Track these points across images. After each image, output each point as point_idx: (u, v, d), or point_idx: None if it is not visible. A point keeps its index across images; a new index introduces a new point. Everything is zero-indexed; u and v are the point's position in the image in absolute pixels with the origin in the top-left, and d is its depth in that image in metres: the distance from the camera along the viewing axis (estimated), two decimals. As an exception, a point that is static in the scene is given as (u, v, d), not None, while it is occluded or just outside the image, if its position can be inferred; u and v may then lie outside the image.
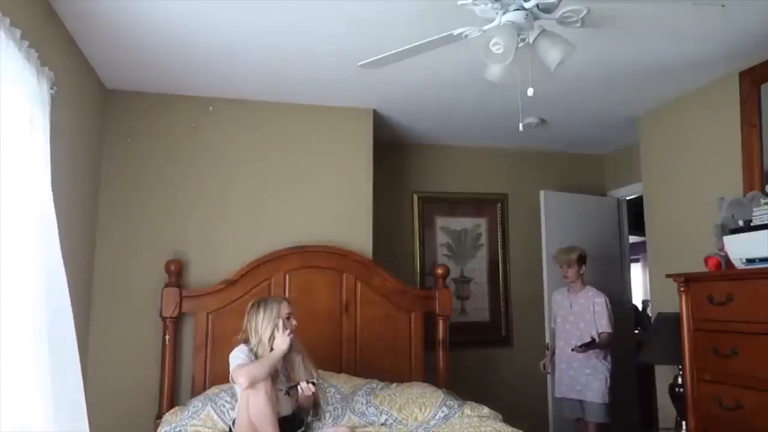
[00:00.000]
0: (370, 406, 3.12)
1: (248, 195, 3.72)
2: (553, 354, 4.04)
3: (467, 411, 3.12)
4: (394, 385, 3.38)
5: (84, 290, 3.31)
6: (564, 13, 2.22)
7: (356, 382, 3.31)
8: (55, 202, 2.25)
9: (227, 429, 2.83)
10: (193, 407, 2.98)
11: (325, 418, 2.97)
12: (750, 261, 2.72)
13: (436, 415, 3.09)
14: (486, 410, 3.15)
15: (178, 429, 2.83)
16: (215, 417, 2.92)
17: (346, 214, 3.87)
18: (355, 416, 3.05)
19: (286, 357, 2.77)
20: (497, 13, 2.18)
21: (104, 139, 3.53)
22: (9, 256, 1.97)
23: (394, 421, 3.06)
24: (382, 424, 3.04)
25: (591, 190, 5.06)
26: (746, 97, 3.23)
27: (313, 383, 2.74)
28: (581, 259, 3.87)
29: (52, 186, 2.24)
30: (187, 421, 2.88)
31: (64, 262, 2.22)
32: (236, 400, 2.83)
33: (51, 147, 2.24)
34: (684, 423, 3.10)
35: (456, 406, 3.16)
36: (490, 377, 4.63)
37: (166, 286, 3.39)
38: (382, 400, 3.16)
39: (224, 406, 2.96)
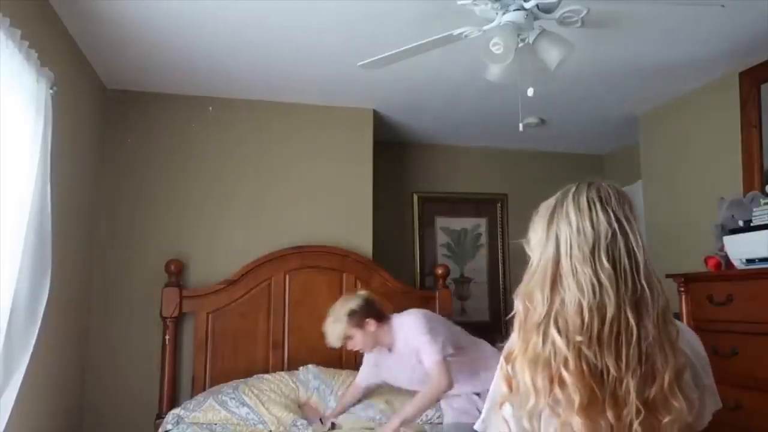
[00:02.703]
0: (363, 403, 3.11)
1: (248, 195, 3.72)
2: None
3: None
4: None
5: (84, 290, 3.31)
6: (564, 13, 2.23)
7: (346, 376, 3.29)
8: (54, 203, 2.25)
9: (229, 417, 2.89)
10: (195, 400, 3.05)
11: None
12: (750, 261, 2.72)
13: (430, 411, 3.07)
14: None
15: (177, 416, 2.89)
16: (216, 407, 2.95)
17: (346, 214, 3.87)
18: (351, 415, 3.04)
19: None
20: (497, 13, 2.18)
21: (104, 139, 3.52)
22: (6, 255, 1.97)
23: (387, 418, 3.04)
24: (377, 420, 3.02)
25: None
26: (746, 97, 3.23)
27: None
28: (358, 313, 2.68)
29: (52, 186, 2.24)
30: (188, 412, 2.94)
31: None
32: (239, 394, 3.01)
33: (51, 147, 2.24)
34: (684, 423, 3.09)
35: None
36: (490, 377, 4.62)
37: (166, 286, 3.39)
38: (383, 398, 3.15)
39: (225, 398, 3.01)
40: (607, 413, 1.08)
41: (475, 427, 1.28)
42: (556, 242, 1.19)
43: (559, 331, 1.11)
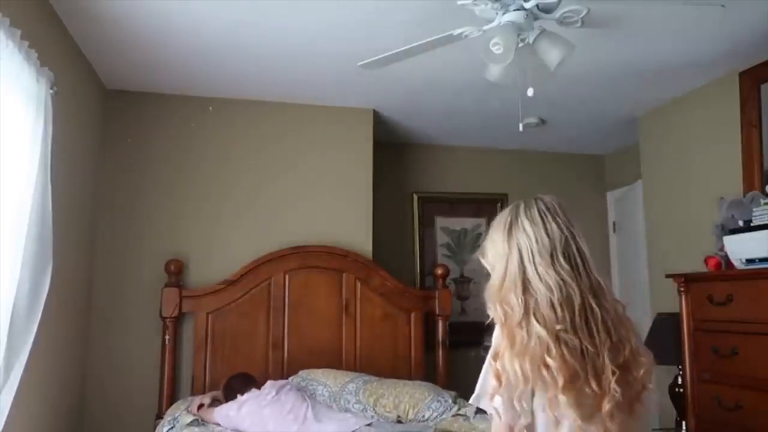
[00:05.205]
0: (358, 404, 3.12)
1: (248, 195, 3.72)
2: None
3: (456, 409, 3.08)
4: (384, 380, 3.34)
5: (84, 290, 3.31)
6: (564, 13, 2.22)
7: (344, 379, 3.29)
8: (54, 203, 2.25)
9: None
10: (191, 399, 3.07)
11: None
12: (750, 261, 2.72)
13: (426, 412, 3.07)
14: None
15: (174, 417, 2.88)
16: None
17: (346, 214, 3.87)
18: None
19: None
20: (497, 13, 2.18)
21: (104, 139, 3.52)
22: (6, 255, 1.97)
23: (383, 419, 3.03)
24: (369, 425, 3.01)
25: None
26: (746, 97, 3.23)
27: None
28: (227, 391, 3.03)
29: (52, 186, 2.24)
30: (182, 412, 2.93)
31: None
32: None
33: (51, 147, 2.24)
34: (684, 423, 3.10)
35: (448, 403, 3.13)
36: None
37: (166, 286, 3.39)
38: (372, 397, 3.15)
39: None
40: (591, 384, 1.26)
41: (470, 401, 1.43)
42: (518, 252, 1.38)
43: (539, 323, 1.30)
